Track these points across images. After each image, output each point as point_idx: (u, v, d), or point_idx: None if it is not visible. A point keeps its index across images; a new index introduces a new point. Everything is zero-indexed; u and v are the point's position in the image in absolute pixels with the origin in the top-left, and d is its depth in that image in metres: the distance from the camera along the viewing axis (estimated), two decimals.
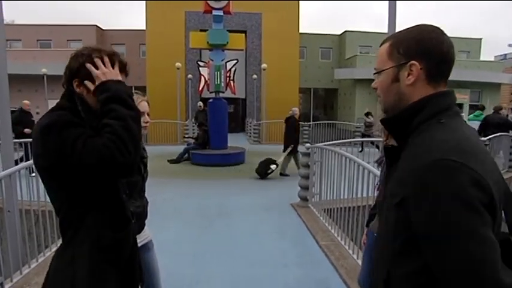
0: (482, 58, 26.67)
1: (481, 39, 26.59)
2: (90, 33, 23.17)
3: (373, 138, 11.21)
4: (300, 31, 20.71)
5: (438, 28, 0.97)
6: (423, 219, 0.81)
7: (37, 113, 19.50)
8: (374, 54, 23.31)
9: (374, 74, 1.05)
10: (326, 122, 16.16)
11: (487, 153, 0.86)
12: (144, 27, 19.32)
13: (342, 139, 13.08)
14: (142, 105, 1.96)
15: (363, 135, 12.34)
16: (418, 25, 0.98)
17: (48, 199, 1.31)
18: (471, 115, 10.43)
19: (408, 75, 0.94)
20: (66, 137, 1.12)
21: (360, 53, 23.58)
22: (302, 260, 3.65)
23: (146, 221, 2.08)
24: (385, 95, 1.01)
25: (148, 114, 2.04)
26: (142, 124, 1.97)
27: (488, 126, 8.34)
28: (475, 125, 8.68)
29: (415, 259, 0.84)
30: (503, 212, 0.88)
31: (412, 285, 0.87)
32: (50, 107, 1.32)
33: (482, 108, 10.16)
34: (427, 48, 0.93)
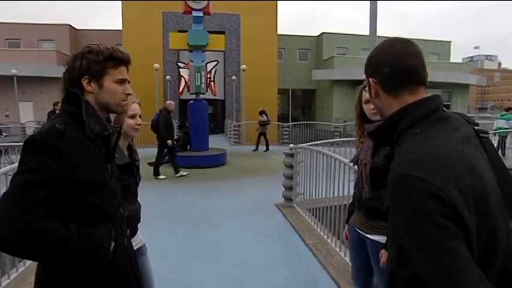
0: (452, 60, 27.83)
1: (450, 41, 27.72)
2: (63, 33, 22.50)
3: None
4: (278, 32, 20.88)
5: (389, 41, 1.01)
6: (397, 229, 0.88)
7: (6, 116, 18.73)
8: (351, 56, 23.82)
9: None
10: (305, 122, 16.34)
11: (462, 159, 0.84)
12: (120, 28, 18.92)
13: (322, 139, 13.28)
14: (134, 107, 1.92)
15: (260, 134, 13.01)
16: (384, 41, 1.04)
17: None
18: (499, 115, 12.65)
19: (373, 90, 1.03)
20: (25, 162, 1.08)
21: (337, 54, 24.04)
22: (290, 260, 3.68)
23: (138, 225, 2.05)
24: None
25: (140, 116, 2.01)
26: (134, 126, 1.94)
27: None
28: (503, 123, 11.16)
29: (408, 266, 0.87)
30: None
31: None
32: (20, 110, 1.31)
33: (508, 109, 12.35)
34: (375, 64, 1.01)
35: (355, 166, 2.14)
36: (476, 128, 0.96)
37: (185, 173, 8.03)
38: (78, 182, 1.13)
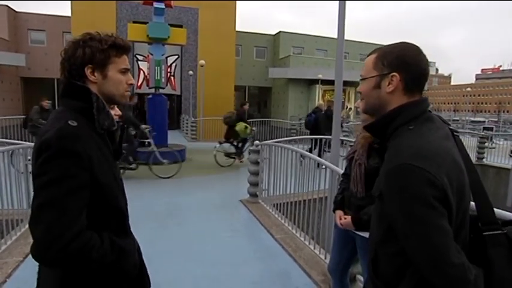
0: None
1: None
2: (0, 14, 20.44)
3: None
4: (236, 29, 20.84)
5: (418, 47, 1.13)
6: (392, 211, 1.00)
7: None
8: (307, 55, 24.45)
9: (360, 80, 1.20)
10: (261, 119, 16.52)
11: (448, 153, 1.00)
12: (67, 13, 17.68)
13: (278, 136, 13.58)
14: None
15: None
16: (401, 42, 1.15)
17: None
18: None
19: (389, 84, 1.10)
20: (47, 171, 1.00)
21: (293, 53, 24.58)
22: (261, 254, 3.76)
23: None
24: (367, 98, 1.18)
25: (121, 111, 1.98)
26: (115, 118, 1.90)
27: None
28: None
29: (395, 243, 1.02)
30: (474, 202, 1.07)
31: (394, 265, 1.05)
32: None
33: None
34: (407, 63, 1.09)
35: (347, 162, 2.21)
36: (450, 127, 1.12)
37: None
38: (97, 183, 1.09)
